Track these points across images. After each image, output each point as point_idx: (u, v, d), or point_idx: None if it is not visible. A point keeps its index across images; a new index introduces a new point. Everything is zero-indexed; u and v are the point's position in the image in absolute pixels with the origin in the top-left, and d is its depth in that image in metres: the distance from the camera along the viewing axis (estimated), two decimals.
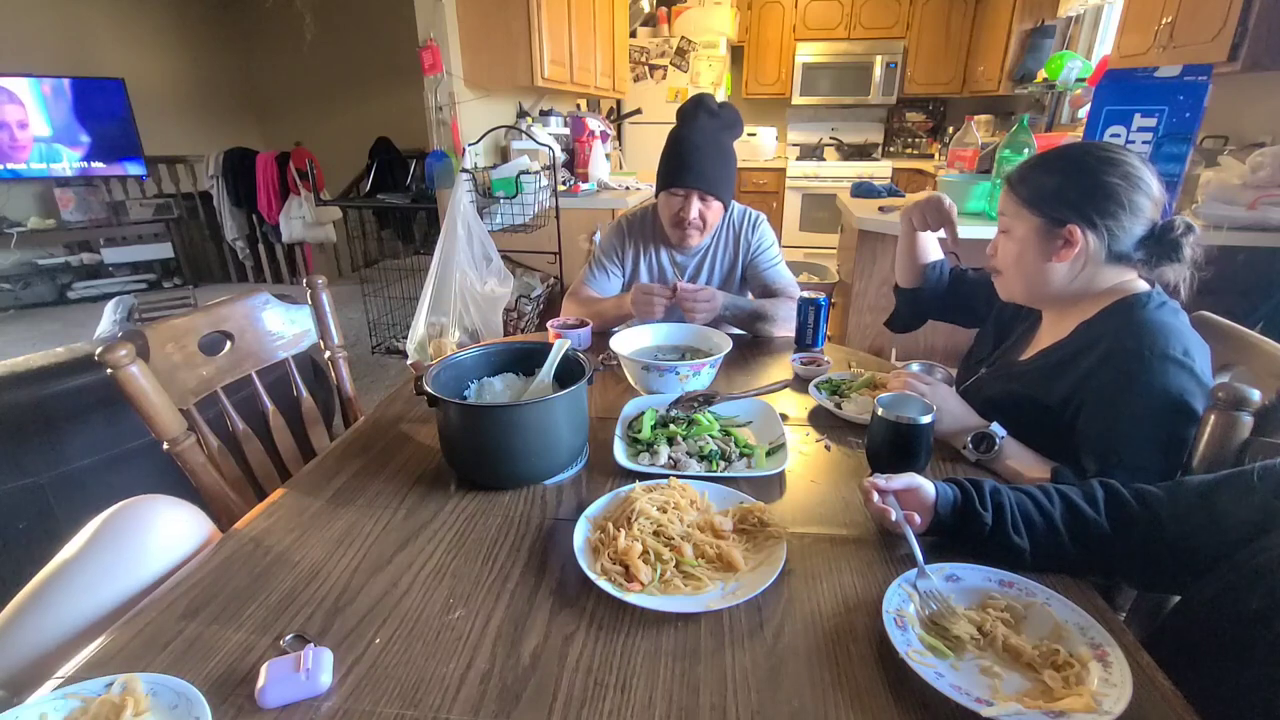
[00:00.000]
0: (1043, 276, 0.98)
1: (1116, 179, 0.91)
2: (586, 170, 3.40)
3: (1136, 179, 0.91)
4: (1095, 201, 0.92)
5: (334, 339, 1.32)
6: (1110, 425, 0.87)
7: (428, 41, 2.85)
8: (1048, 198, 0.95)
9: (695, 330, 1.32)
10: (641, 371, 1.17)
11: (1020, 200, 0.99)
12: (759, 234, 1.64)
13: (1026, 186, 0.98)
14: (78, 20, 4.69)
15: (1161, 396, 0.84)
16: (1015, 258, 1.01)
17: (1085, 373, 0.91)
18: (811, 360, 1.30)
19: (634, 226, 1.68)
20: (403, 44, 3.99)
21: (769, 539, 0.78)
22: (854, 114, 5.55)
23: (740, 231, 1.64)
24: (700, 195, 1.49)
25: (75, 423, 1.26)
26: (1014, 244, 1.01)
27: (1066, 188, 0.94)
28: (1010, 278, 1.04)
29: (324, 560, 0.77)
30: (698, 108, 1.50)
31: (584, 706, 0.57)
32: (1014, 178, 1.01)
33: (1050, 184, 0.96)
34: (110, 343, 0.91)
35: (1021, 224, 0.99)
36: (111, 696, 0.55)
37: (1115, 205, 0.91)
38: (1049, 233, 0.95)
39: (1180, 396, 0.84)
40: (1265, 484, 0.67)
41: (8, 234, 4.34)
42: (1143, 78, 1.97)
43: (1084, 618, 0.63)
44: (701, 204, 1.50)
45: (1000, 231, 1.04)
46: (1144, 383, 0.85)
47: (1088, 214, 0.92)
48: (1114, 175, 0.91)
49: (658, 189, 1.56)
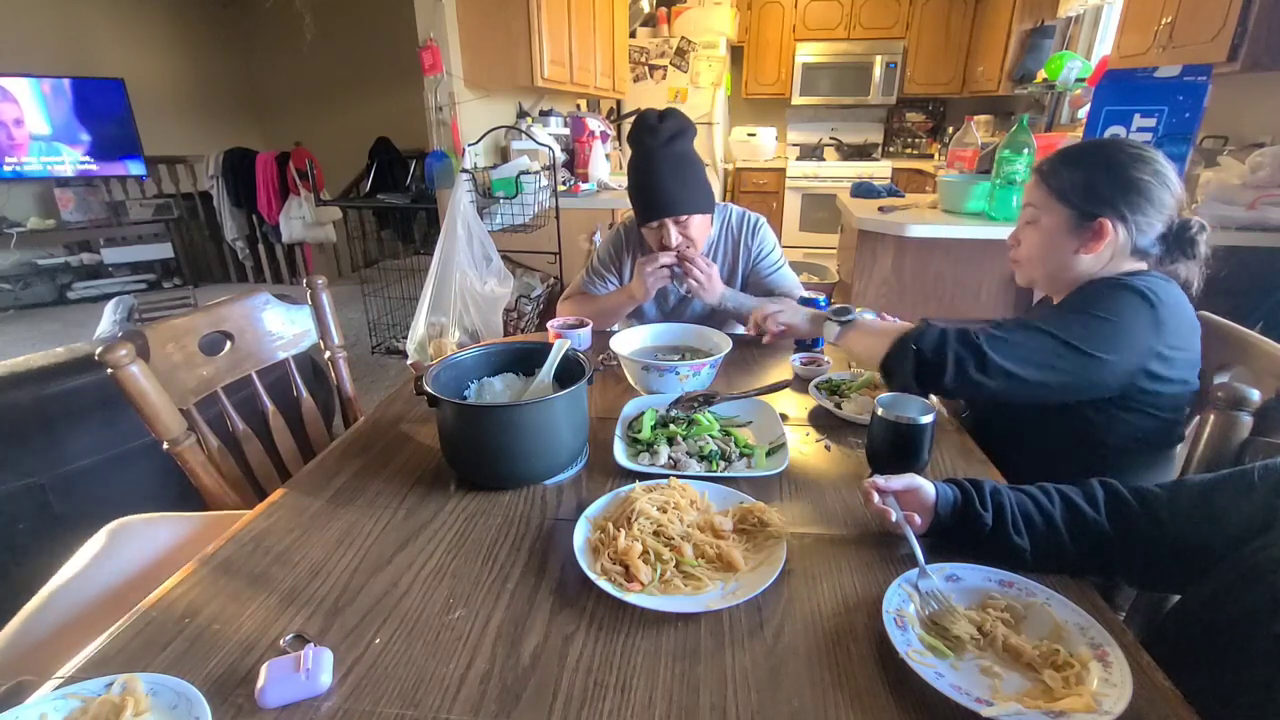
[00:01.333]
0: (1068, 265, 1.02)
1: (1147, 176, 0.94)
2: (586, 170, 3.40)
3: (1165, 176, 0.95)
4: (1127, 196, 0.95)
5: (334, 339, 1.32)
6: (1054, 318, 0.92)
7: (428, 41, 2.85)
8: (1080, 190, 0.98)
9: (695, 330, 1.32)
10: (641, 371, 1.17)
11: (1051, 191, 1.01)
12: (759, 239, 1.62)
13: (1058, 178, 1.01)
14: (78, 20, 4.69)
15: (1099, 299, 0.91)
16: (1042, 247, 1.04)
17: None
18: (811, 360, 1.30)
19: (631, 235, 1.67)
20: (403, 44, 3.99)
21: (769, 539, 0.78)
22: (854, 114, 5.56)
23: (740, 236, 1.63)
24: (673, 221, 1.47)
25: (75, 423, 1.26)
26: (1041, 234, 1.03)
27: (1099, 182, 0.97)
28: (1033, 266, 1.07)
29: (324, 560, 0.77)
30: (638, 132, 1.46)
31: (584, 706, 0.57)
32: (1045, 169, 1.03)
33: (1082, 178, 0.98)
34: (111, 342, 0.91)
35: (1051, 215, 1.01)
36: (111, 696, 0.55)
37: (1145, 201, 0.95)
38: (1079, 225, 0.98)
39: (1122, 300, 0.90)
40: (1265, 483, 0.67)
41: (8, 234, 4.34)
42: (1142, 78, 1.97)
43: (1084, 618, 0.63)
44: (678, 226, 1.48)
45: (1026, 222, 1.07)
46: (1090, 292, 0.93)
47: (1119, 208, 0.95)
48: (1145, 172, 0.95)
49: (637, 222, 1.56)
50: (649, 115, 1.46)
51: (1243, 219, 2.03)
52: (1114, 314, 0.89)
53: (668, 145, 1.45)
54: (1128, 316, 0.89)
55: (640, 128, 1.47)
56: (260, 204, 4.87)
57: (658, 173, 1.45)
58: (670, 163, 1.45)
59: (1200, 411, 0.92)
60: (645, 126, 1.46)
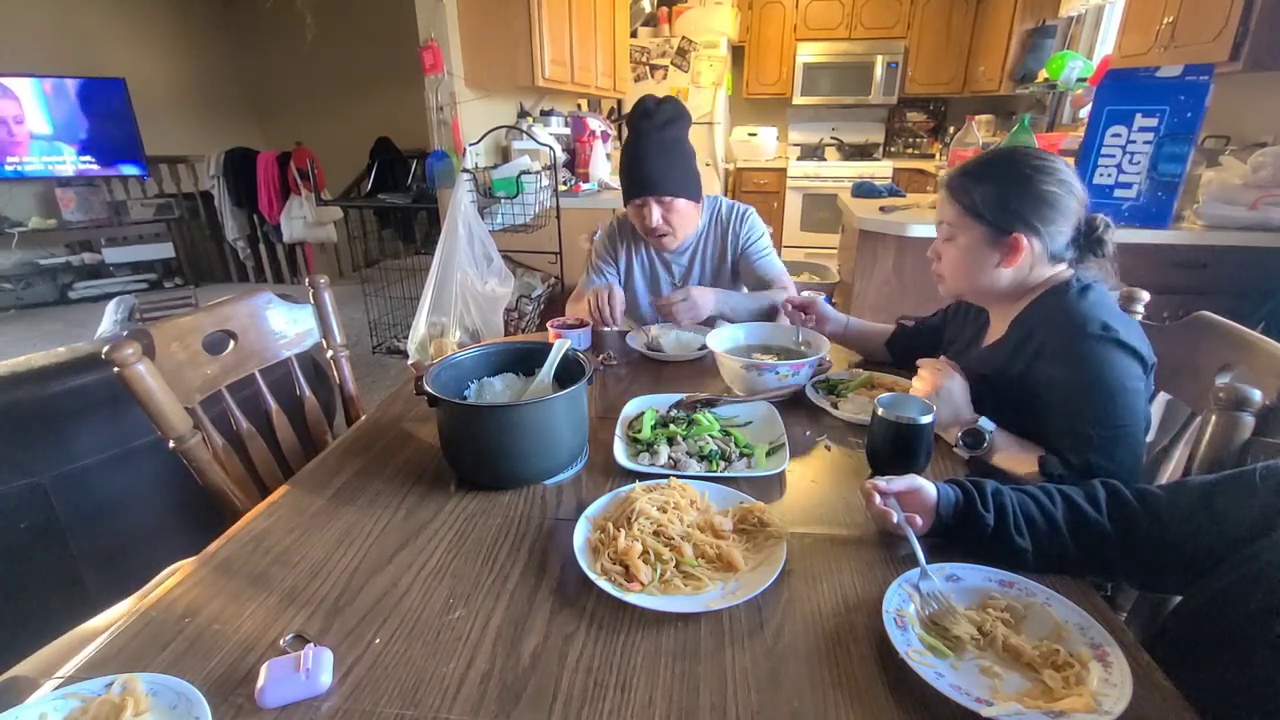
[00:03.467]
0: (989, 279, 1.02)
1: (1053, 186, 0.96)
2: (587, 170, 3.40)
3: (1069, 185, 0.97)
4: (1037, 210, 0.96)
5: (336, 338, 1.32)
6: (1072, 417, 0.90)
7: (428, 41, 2.85)
8: (991, 207, 0.99)
9: (787, 329, 1.32)
10: (742, 371, 1.16)
11: (963, 209, 1.01)
12: (748, 226, 1.64)
13: (968, 195, 1.01)
14: (78, 20, 4.70)
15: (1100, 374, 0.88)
16: (962, 264, 1.04)
17: (1027, 366, 0.96)
18: None
19: (625, 228, 1.70)
20: (403, 44, 3.99)
21: (769, 539, 0.78)
22: (855, 114, 5.55)
23: (729, 226, 1.64)
24: (656, 200, 1.50)
25: (76, 422, 1.27)
26: (960, 251, 1.04)
27: (1008, 197, 0.98)
28: (957, 280, 1.07)
29: (324, 560, 0.77)
30: (636, 116, 1.51)
31: (584, 706, 0.57)
32: (955, 186, 1.03)
33: (993, 193, 0.99)
34: (117, 341, 0.91)
35: (967, 233, 1.02)
36: (111, 696, 0.55)
37: (1054, 211, 0.96)
38: (995, 240, 0.99)
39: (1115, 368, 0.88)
40: (1267, 484, 0.66)
41: (9, 234, 4.35)
42: (1144, 77, 1.97)
43: (1084, 618, 0.63)
44: (661, 208, 1.51)
45: (944, 239, 1.07)
46: (1083, 370, 0.89)
47: (1031, 222, 0.96)
48: (1050, 183, 0.96)
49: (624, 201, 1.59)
50: (647, 100, 1.51)
51: (1244, 219, 2.02)
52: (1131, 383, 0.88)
53: (661, 129, 1.49)
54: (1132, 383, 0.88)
55: (637, 112, 1.51)
56: (261, 204, 4.87)
57: (647, 153, 1.48)
58: (661, 145, 1.49)
59: (1200, 412, 0.92)
60: (641, 110, 1.50)
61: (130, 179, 4.88)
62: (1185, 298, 1.79)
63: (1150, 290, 1.17)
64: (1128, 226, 2.07)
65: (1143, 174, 2.03)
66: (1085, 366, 0.89)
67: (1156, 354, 0.93)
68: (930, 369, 1.02)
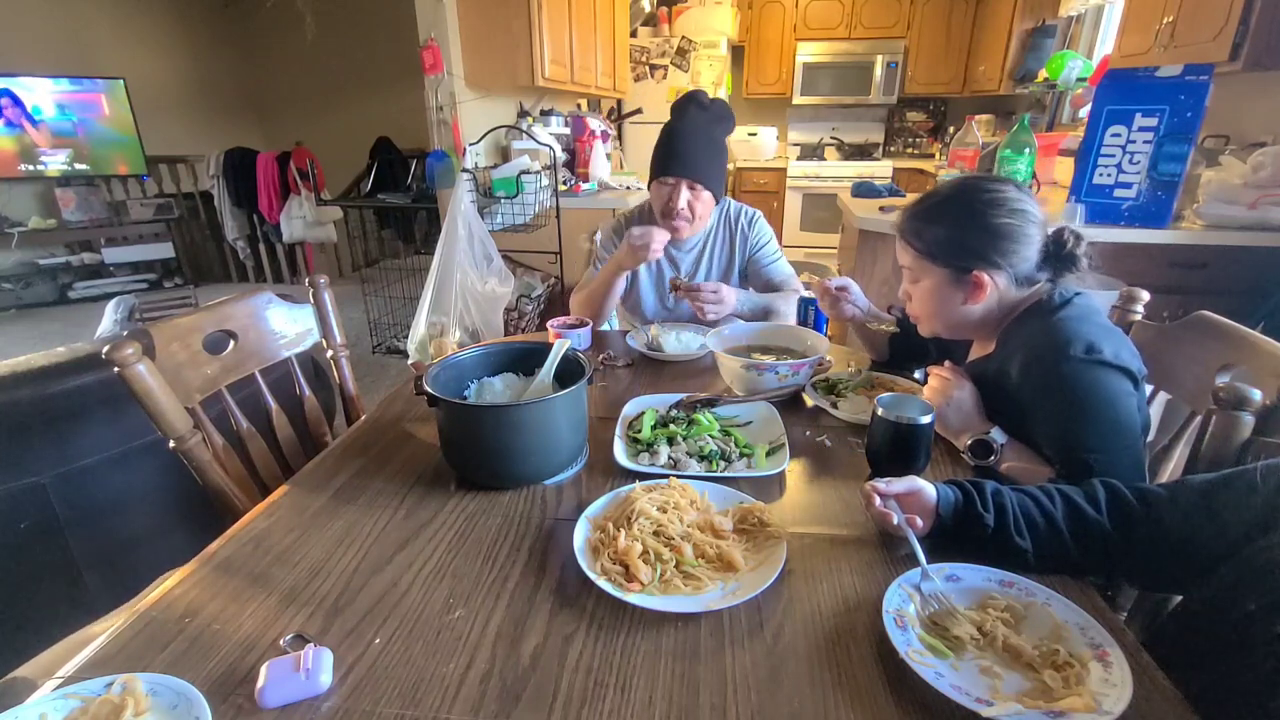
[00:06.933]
0: (959, 316, 1.01)
1: (1005, 218, 0.93)
2: (587, 170, 3.40)
3: (1022, 212, 0.94)
4: (994, 244, 0.94)
5: (336, 338, 1.32)
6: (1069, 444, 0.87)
7: (428, 41, 2.85)
8: (946, 248, 0.97)
9: (789, 330, 1.32)
10: (742, 371, 1.16)
11: (920, 253, 1.00)
12: (757, 230, 1.65)
13: (922, 240, 0.99)
14: (78, 20, 4.69)
15: (1088, 399, 0.85)
16: (931, 305, 1.03)
17: (1015, 385, 0.93)
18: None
19: (631, 222, 1.70)
20: (403, 44, 3.99)
21: (769, 539, 0.78)
22: (854, 114, 5.55)
23: (737, 228, 1.65)
24: (689, 184, 1.50)
25: (76, 422, 1.27)
26: (925, 294, 1.02)
27: (963, 236, 0.96)
28: (931, 321, 1.05)
29: (324, 560, 0.77)
30: (689, 101, 1.53)
31: (584, 706, 0.57)
32: (907, 231, 1.01)
33: (945, 234, 0.97)
34: (117, 341, 0.91)
35: (928, 276, 1.01)
36: (111, 696, 0.55)
37: (1011, 242, 0.93)
38: (957, 280, 0.97)
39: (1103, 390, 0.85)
40: (1268, 484, 0.66)
41: (9, 234, 4.35)
42: (1144, 77, 1.97)
43: (1084, 618, 0.63)
44: (690, 193, 1.51)
45: (910, 282, 1.05)
46: (1070, 396, 0.86)
47: (989, 257, 0.94)
48: (1002, 214, 0.93)
49: (650, 179, 1.58)
50: (701, 93, 1.54)
51: (1244, 219, 2.02)
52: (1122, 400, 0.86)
53: (711, 124, 1.52)
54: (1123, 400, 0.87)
55: (691, 99, 1.53)
56: (261, 204, 4.87)
57: (694, 139, 1.50)
58: (707, 137, 1.51)
59: (1200, 411, 0.92)
60: (696, 100, 1.53)
61: (130, 179, 4.88)
62: (1185, 297, 1.80)
63: (1150, 290, 1.17)
64: (1127, 226, 2.07)
65: (1142, 174, 2.03)
66: (1073, 393, 0.86)
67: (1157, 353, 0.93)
68: (941, 378, 1.01)
